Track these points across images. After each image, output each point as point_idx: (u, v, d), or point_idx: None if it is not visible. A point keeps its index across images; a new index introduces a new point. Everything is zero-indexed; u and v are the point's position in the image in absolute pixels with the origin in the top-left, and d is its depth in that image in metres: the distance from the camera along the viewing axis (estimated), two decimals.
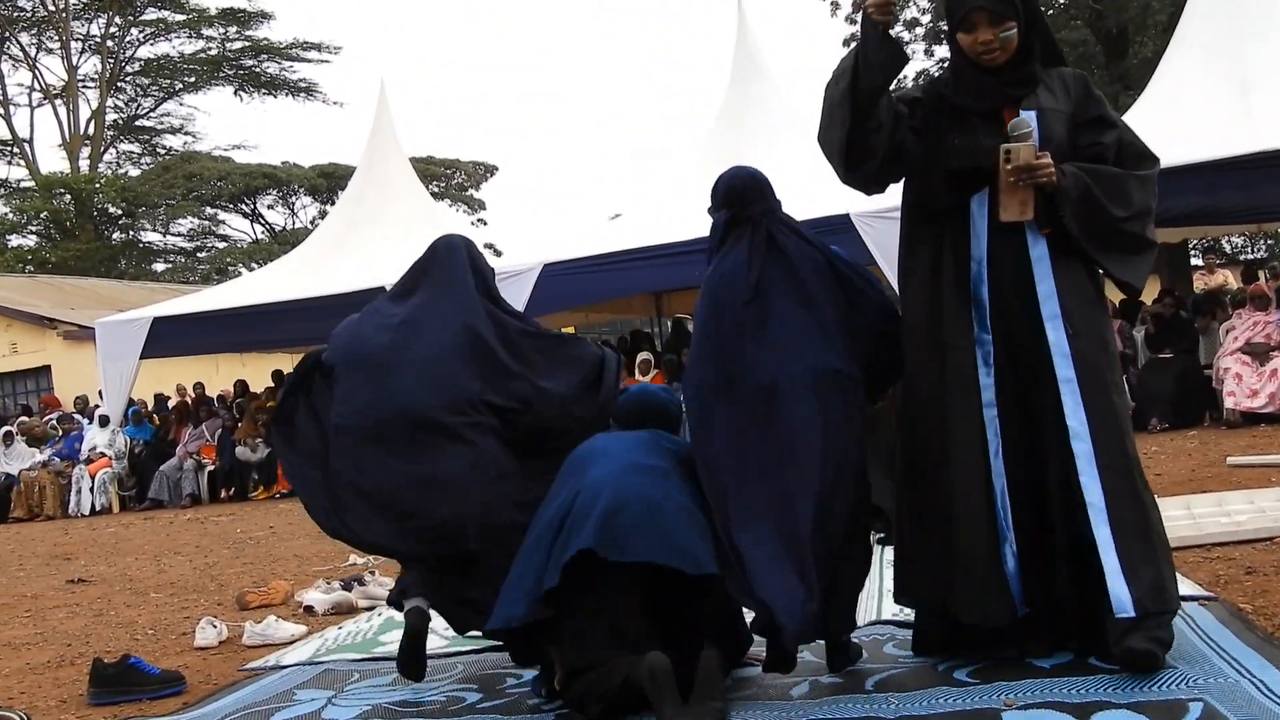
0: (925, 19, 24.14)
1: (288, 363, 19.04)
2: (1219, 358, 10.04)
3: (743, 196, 3.38)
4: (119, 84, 37.07)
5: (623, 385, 3.89)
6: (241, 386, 16.33)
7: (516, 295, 12.03)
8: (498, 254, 19.82)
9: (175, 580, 6.99)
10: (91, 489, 14.26)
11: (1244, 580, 3.82)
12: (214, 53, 36.94)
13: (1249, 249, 28.36)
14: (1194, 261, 18.46)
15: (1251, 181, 9.76)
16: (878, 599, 4.04)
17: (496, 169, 40.85)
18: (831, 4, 24.09)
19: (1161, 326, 11.02)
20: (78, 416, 16.11)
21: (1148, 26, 20.00)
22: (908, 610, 3.63)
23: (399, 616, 4.73)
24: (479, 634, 3.63)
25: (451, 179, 39.40)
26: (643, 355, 13.10)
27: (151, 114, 38.60)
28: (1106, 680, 2.80)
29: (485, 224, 39.95)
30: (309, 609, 5.18)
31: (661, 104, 77.70)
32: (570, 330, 19.53)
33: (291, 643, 4.53)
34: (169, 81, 37.65)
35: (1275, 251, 26.51)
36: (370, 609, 5.11)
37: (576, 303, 13.74)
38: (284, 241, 32.87)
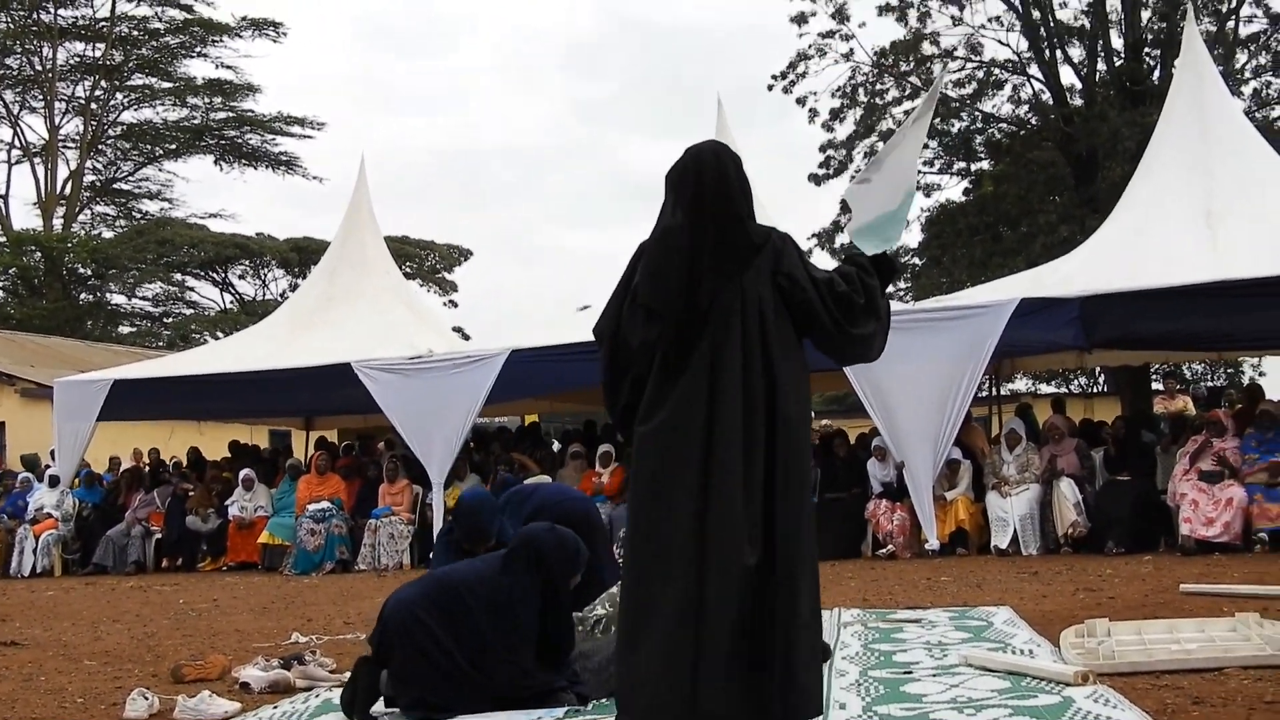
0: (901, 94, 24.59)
1: (246, 433, 18.85)
2: (1174, 481, 10.09)
3: None
4: (99, 146, 37.19)
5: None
6: (194, 455, 16.12)
7: (482, 380, 12.04)
8: (466, 337, 19.80)
9: (111, 649, 6.81)
10: (35, 550, 13.97)
11: (1190, 710, 3.79)
12: (197, 121, 37.17)
13: (1209, 376, 28.79)
14: (1155, 386, 18.71)
15: (1216, 309, 9.91)
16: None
17: (471, 253, 41.07)
18: (810, 111, 24.55)
19: (1120, 449, 11.08)
20: (25, 475, 15.81)
21: (1117, 152, 20.46)
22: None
23: (335, 699, 4.65)
24: None
25: (425, 260, 39.52)
26: (604, 447, 13.05)
27: (130, 178, 38.72)
28: None
29: (456, 306, 40.07)
30: (245, 686, 5.06)
31: (636, 202, 78.58)
32: (534, 418, 19.46)
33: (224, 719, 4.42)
34: (150, 147, 37.81)
35: (1234, 380, 26.88)
36: (308, 689, 4.99)
37: (542, 391, 13.73)
38: (252, 312, 32.77)
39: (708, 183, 3.41)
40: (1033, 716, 3.73)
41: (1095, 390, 28.68)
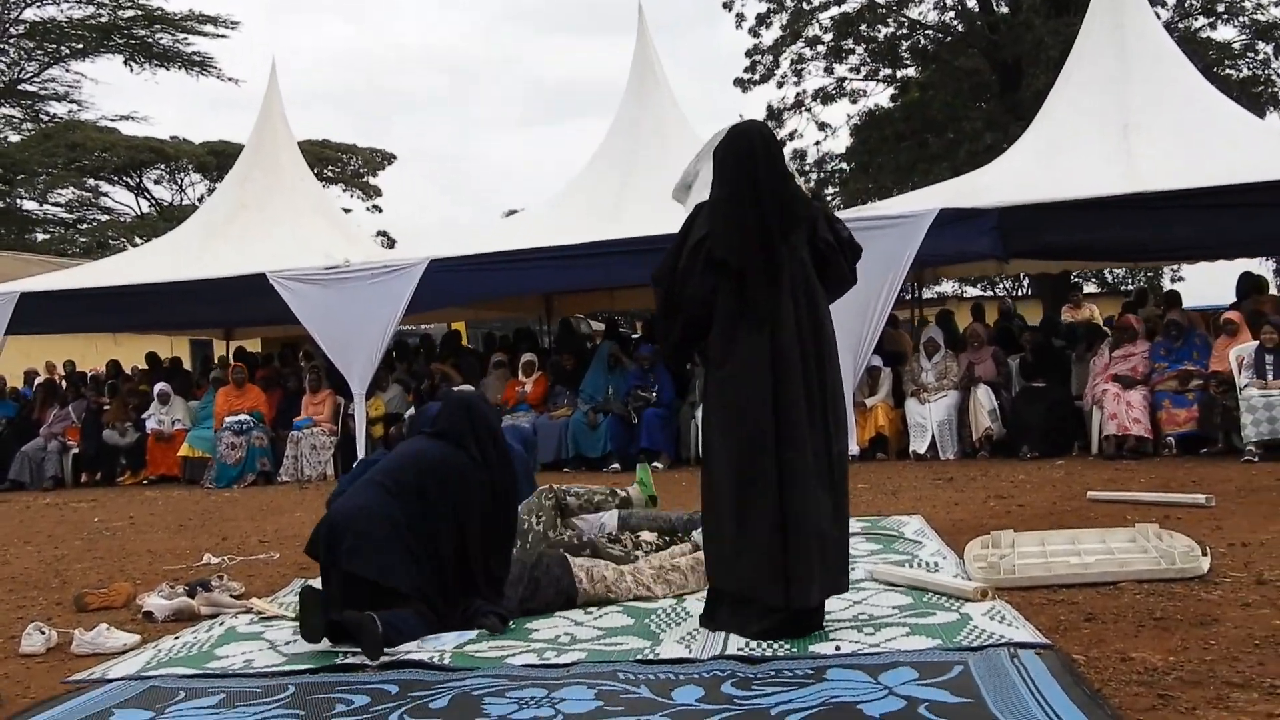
0: (827, 37, 24.42)
1: (164, 345, 18.51)
2: (1091, 387, 10.27)
3: None
4: (1, 45, 35.68)
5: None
6: (114, 367, 15.81)
7: (402, 290, 11.86)
8: (392, 242, 19.52)
9: (17, 574, 6.69)
10: None
11: (1082, 627, 3.86)
12: (105, 19, 35.74)
13: (1130, 280, 29.19)
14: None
15: (1131, 221, 9.98)
16: (723, 638, 3.97)
17: (395, 157, 40.36)
18: (737, 16, 24.24)
19: (1037, 355, 11.22)
20: None
21: (1040, 60, 20.45)
22: (752, 645, 3.68)
23: (239, 628, 4.60)
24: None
25: (348, 165, 38.77)
26: (526, 356, 12.99)
27: (35, 79, 37.22)
28: None
29: (380, 210, 39.48)
30: (148, 615, 4.99)
31: (562, 102, 77.53)
32: (460, 326, 19.33)
33: (123, 653, 4.35)
34: (55, 46, 36.29)
35: (1153, 285, 27.30)
36: (212, 616, 4.94)
37: (463, 299, 13.57)
38: (170, 218, 31.94)
39: (760, 159, 4.06)
40: (929, 635, 3.79)
41: (1020, 294, 29.03)
